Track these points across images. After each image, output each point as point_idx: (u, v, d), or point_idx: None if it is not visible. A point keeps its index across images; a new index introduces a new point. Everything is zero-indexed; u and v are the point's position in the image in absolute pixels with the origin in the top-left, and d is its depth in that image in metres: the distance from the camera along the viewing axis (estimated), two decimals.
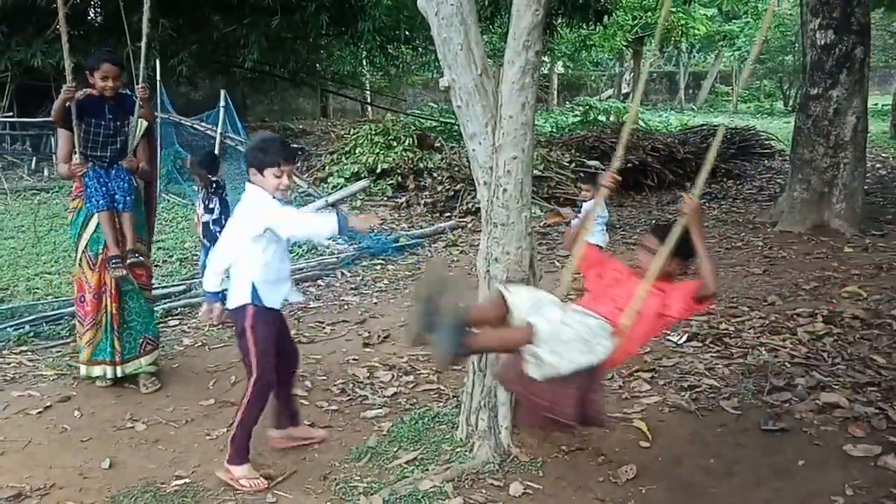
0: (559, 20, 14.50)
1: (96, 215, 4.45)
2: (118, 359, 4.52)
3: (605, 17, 13.35)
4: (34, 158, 13.07)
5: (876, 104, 22.98)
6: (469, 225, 9.29)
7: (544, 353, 2.82)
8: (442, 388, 4.50)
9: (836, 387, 4.39)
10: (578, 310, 3.03)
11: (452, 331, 2.89)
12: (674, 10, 19.99)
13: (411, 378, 4.69)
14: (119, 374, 4.53)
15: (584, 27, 16.99)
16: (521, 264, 3.58)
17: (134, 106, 4.48)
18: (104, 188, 4.41)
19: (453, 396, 4.29)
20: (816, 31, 8.32)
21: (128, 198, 4.47)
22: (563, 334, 2.84)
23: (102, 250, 4.47)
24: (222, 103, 10.00)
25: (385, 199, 11.00)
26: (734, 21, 27.23)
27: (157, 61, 11.69)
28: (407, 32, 14.28)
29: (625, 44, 23.37)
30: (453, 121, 14.41)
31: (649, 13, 21.57)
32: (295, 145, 15.86)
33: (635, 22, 22.34)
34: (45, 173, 12.53)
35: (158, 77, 11.20)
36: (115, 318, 4.50)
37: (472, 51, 3.57)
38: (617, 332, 2.95)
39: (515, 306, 3.05)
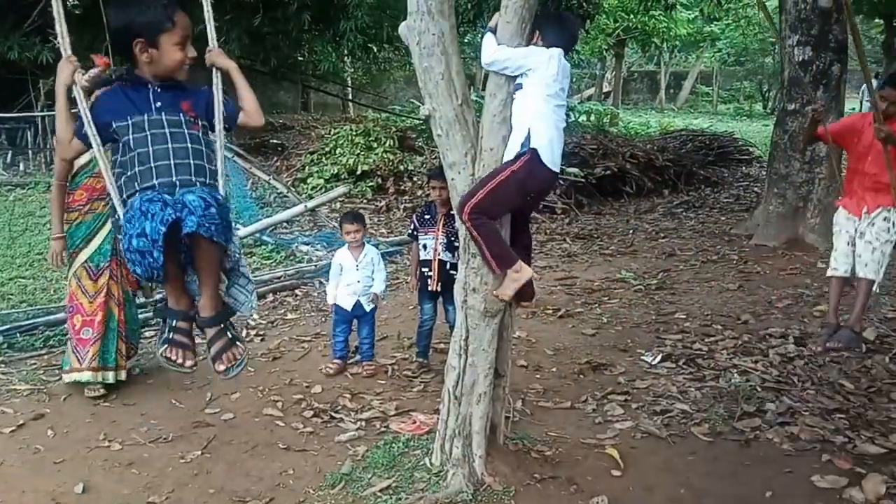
0: None
1: (103, 230, 4.51)
2: (123, 363, 4.69)
3: (587, 21, 13.41)
4: (10, 152, 12.87)
5: (853, 108, 23.21)
6: None
7: (878, 278, 4.65)
8: (417, 412, 4.52)
9: (806, 413, 4.46)
10: (872, 219, 4.61)
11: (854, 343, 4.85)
12: (655, 13, 20.08)
13: (387, 400, 4.70)
14: (122, 377, 4.70)
15: None
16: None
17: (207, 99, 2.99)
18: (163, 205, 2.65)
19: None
20: (795, 48, 8.40)
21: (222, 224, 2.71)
22: (877, 256, 4.62)
23: (107, 261, 4.57)
24: None
25: (365, 201, 10.99)
26: (715, 23, 27.40)
27: None
28: (389, 31, 14.21)
29: (605, 47, 23.45)
30: None
31: (631, 15, 21.65)
32: (275, 141, 15.83)
33: (616, 25, 22.42)
34: (21, 168, 12.36)
35: None
36: (121, 324, 4.66)
37: (452, 80, 3.56)
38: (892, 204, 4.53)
39: (843, 270, 4.79)
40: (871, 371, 5.06)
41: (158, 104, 2.69)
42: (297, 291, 6.98)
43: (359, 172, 11.43)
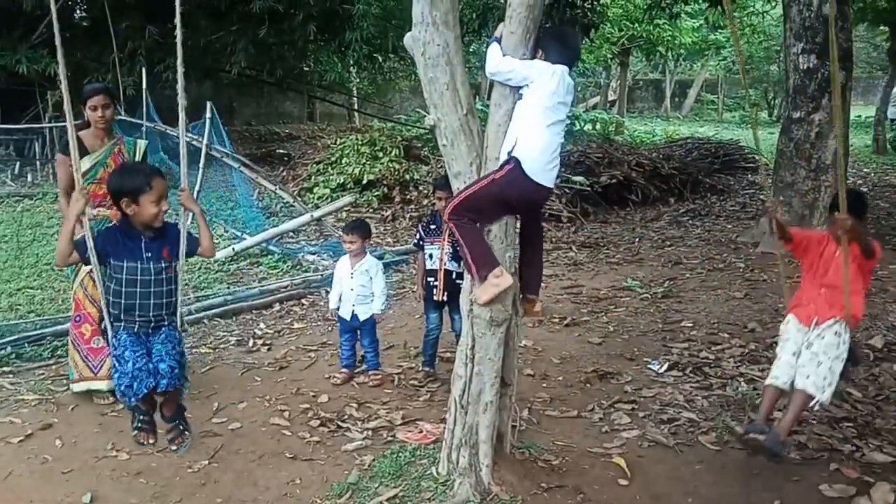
0: None
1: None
2: None
3: (592, 30, 13.41)
4: (18, 163, 12.94)
5: (859, 116, 23.20)
6: None
7: (822, 396, 3.73)
8: (423, 421, 4.52)
9: (813, 421, 4.45)
10: (820, 333, 3.84)
11: (778, 448, 3.69)
12: (660, 22, 20.11)
13: (393, 409, 4.71)
14: None
15: None
16: (505, 304, 3.60)
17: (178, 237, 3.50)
18: (142, 352, 3.38)
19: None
20: (799, 56, 8.40)
21: (181, 372, 3.48)
22: (822, 370, 3.75)
23: None
24: (208, 115, 9.97)
25: (371, 210, 11.03)
26: (720, 31, 27.39)
27: (143, 69, 11.67)
28: (395, 41, 14.27)
29: (610, 55, 23.48)
30: None
31: (635, 24, 21.68)
32: (281, 151, 15.91)
33: (622, 33, 22.45)
34: (29, 178, 12.44)
35: (144, 85, 11.15)
36: None
37: (457, 91, 3.59)
38: (847, 322, 3.80)
39: (783, 382, 3.85)
40: (879, 379, 5.05)
41: (149, 255, 3.43)
42: (303, 301, 7.00)
43: (364, 182, 11.48)
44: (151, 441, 3.65)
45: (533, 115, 3.39)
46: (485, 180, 3.45)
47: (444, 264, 5.02)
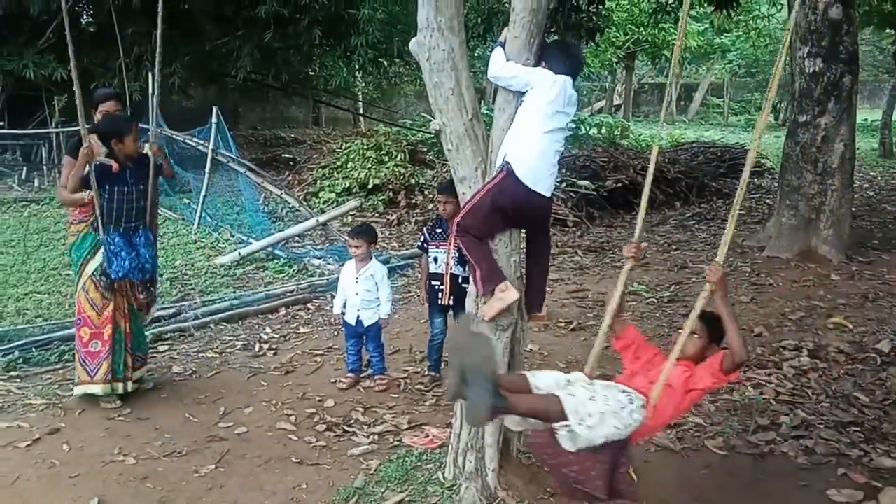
0: (550, 38, 14.54)
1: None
2: (129, 374, 4.81)
3: (597, 35, 13.38)
4: (25, 168, 13.01)
5: (865, 119, 23.12)
6: None
7: (576, 426, 2.82)
8: (429, 425, 4.52)
9: (820, 426, 4.44)
10: (608, 384, 3.06)
11: (486, 388, 2.79)
12: (666, 26, 20.11)
13: (399, 414, 4.71)
14: (129, 388, 4.82)
15: None
16: (510, 308, 3.60)
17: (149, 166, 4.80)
18: (133, 254, 4.70)
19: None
20: (805, 59, 8.40)
21: (155, 266, 5.02)
22: (591, 407, 2.85)
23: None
24: (214, 120, 10.00)
25: (376, 214, 11.04)
26: (726, 34, 27.39)
27: (150, 74, 11.71)
28: (400, 46, 14.30)
29: (615, 59, 23.49)
30: None
31: (641, 28, 21.68)
32: (287, 155, 15.95)
33: (627, 37, 22.46)
34: (36, 183, 12.50)
35: (151, 90, 11.19)
36: (128, 336, 4.80)
37: (462, 95, 3.60)
38: (646, 405, 2.97)
39: (537, 387, 3.02)
40: (886, 383, 5.03)
41: (132, 180, 4.69)
42: (309, 305, 7.01)
43: (370, 186, 11.50)
44: (111, 295, 4.73)
45: (532, 121, 3.39)
46: (481, 192, 3.46)
47: (451, 268, 5.01)
